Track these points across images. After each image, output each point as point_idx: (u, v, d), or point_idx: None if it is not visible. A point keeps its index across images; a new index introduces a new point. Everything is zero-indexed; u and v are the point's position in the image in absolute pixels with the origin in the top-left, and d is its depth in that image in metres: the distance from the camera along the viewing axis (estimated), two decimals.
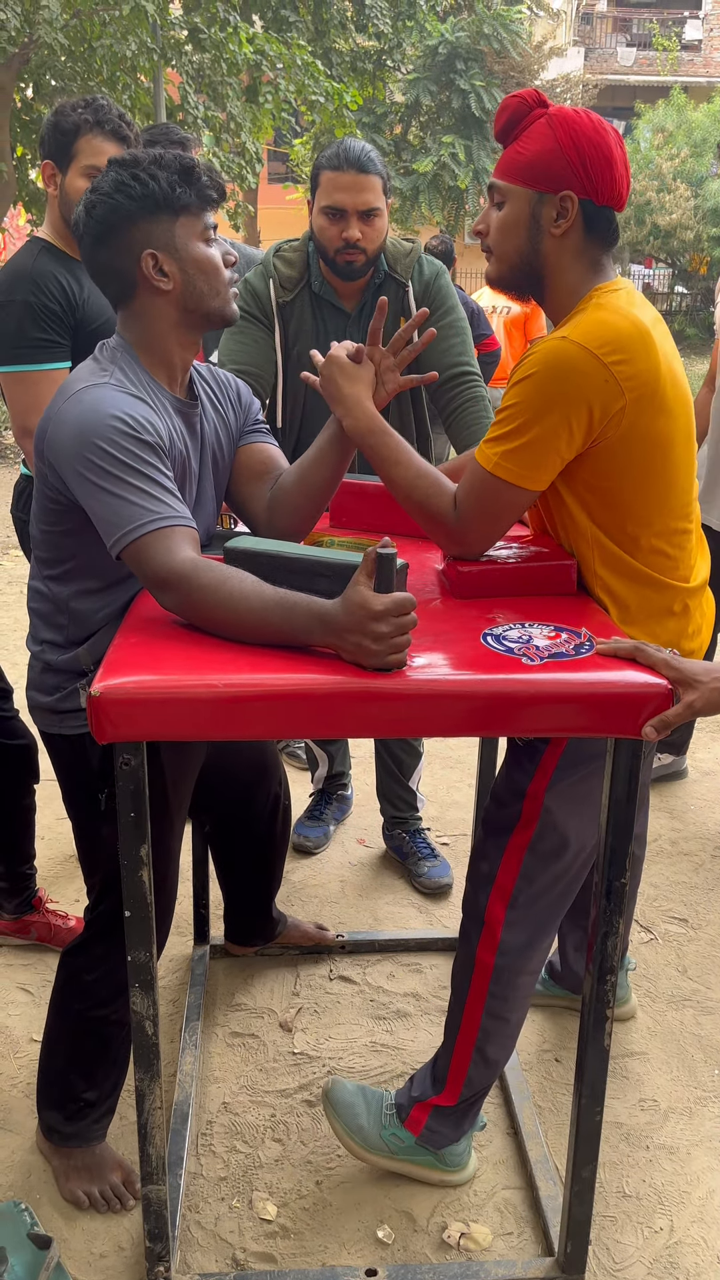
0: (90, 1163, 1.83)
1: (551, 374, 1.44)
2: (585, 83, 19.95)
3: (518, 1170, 1.90)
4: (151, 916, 1.43)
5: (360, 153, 2.21)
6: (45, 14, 8.56)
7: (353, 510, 2.03)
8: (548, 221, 1.51)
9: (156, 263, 1.51)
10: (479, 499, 1.54)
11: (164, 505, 1.44)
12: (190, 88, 10.21)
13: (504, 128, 1.53)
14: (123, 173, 1.50)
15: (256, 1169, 1.90)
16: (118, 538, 1.43)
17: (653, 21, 24.28)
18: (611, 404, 1.46)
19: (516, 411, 1.48)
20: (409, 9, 13.04)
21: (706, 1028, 2.26)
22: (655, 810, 3.16)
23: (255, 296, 2.37)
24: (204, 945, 2.44)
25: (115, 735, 1.28)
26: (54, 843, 2.93)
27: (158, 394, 1.56)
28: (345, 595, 1.32)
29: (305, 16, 11.99)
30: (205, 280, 1.54)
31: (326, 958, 2.47)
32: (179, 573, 1.40)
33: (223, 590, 1.38)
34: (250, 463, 1.75)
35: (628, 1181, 1.88)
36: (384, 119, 17.53)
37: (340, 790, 3.06)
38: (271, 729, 1.31)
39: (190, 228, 1.53)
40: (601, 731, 1.35)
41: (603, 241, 1.55)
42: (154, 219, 1.50)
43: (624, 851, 1.43)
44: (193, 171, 1.52)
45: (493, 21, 16.54)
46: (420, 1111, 1.82)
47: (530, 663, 1.35)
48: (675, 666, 1.35)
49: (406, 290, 2.37)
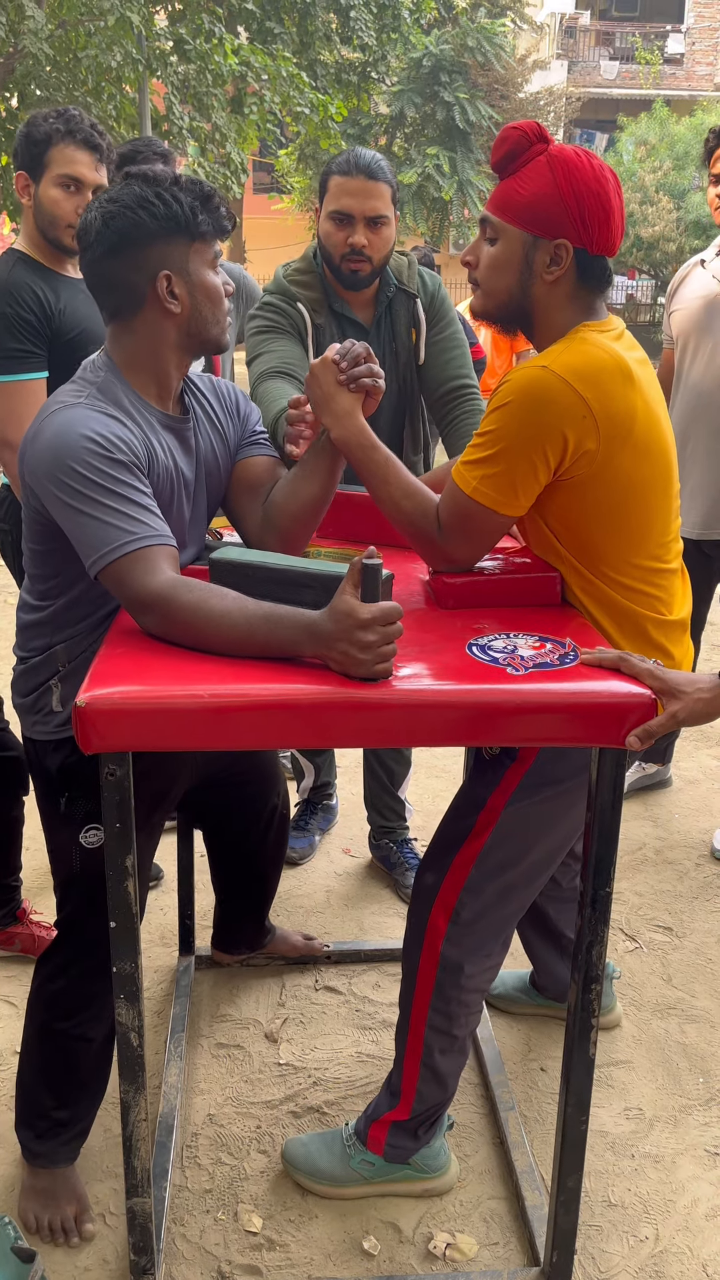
0: (51, 1187, 1.80)
1: (529, 403, 1.43)
2: (568, 95, 20.08)
3: (503, 1180, 1.90)
4: (137, 927, 1.42)
5: (371, 160, 2.20)
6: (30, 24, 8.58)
7: (339, 520, 2.04)
8: (540, 266, 1.49)
9: (170, 284, 1.52)
10: (460, 521, 1.55)
11: (141, 525, 1.43)
12: (175, 98, 10.25)
13: (502, 160, 1.50)
14: (146, 189, 1.50)
15: (242, 1181, 1.89)
16: (94, 560, 1.42)
17: (635, 35, 24.47)
18: (585, 439, 1.45)
19: (494, 438, 1.48)
20: (393, 21, 13.10)
21: (691, 1036, 2.27)
22: (640, 819, 3.17)
23: (286, 315, 2.31)
24: (189, 956, 2.43)
25: (101, 745, 1.28)
26: (39, 853, 2.92)
27: (143, 411, 1.56)
28: (332, 605, 1.33)
29: (290, 28, 12.05)
30: (210, 308, 1.57)
31: (312, 968, 2.46)
32: (158, 594, 1.39)
33: (205, 608, 1.38)
34: (247, 476, 1.75)
35: (613, 1190, 1.89)
36: (369, 130, 17.61)
37: (326, 800, 3.06)
38: (257, 739, 1.31)
39: (203, 254, 1.55)
40: (586, 741, 1.35)
41: (596, 287, 1.54)
42: (171, 241, 1.51)
43: (610, 860, 1.43)
44: (212, 199, 1.54)
45: (477, 34, 16.66)
46: (379, 1130, 1.81)
47: (515, 673, 1.36)
48: (659, 677, 1.36)
49: (417, 301, 2.37)
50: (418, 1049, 1.75)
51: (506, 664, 1.38)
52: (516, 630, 1.51)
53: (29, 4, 8.65)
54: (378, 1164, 1.83)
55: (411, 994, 1.75)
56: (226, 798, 2.03)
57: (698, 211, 17.58)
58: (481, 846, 1.66)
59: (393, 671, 1.34)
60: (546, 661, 1.39)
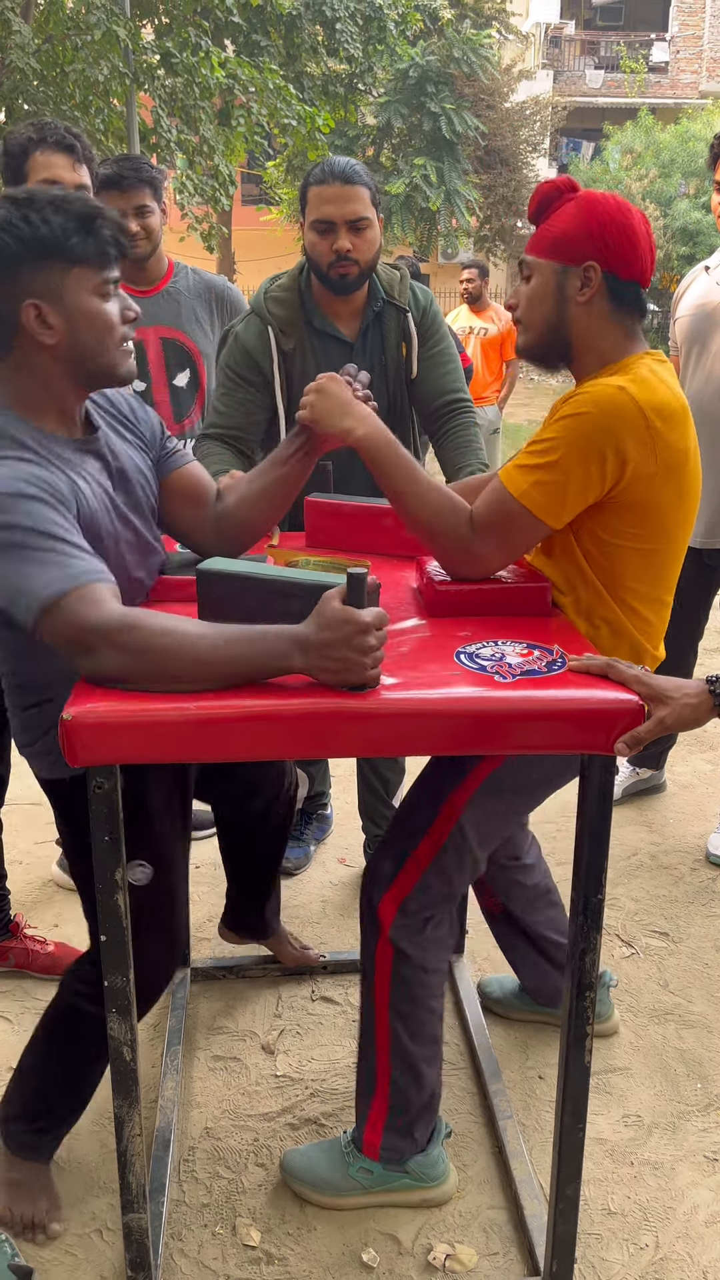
0: (28, 1179, 1.81)
1: (601, 417, 1.47)
2: (554, 104, 20.16)
3: (502, 1189, 1.89)
4: (129, 941, 1.41)
5: (345, 165, 2.21)
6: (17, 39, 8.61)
7: (328, 529, 2.04)
8: (572, 291, 1.56)
9: (40, 314, 1.39)
10: (500, 523, 1.55)
11: (77, 563, 1.32)
12: (163, 111, 10.27)
13: (536, 210, 1.60)
14: (13, 211, 1.37)
15: (240, 1195, 1.88)
16: (28, 606, 1.30)
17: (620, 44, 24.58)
18: (645, 465, 1.49)
19: (556, 445, 1.50)
20: (379, 33, 13.15)
21: (688, 1041, 2.26)
22: (634, 824, 3.17)
23: (247, 354, 2.32)
24: (185, 968, 2.42)
25: (87, 759, 1.27)
26: (32, 867, 2.91)
27: (51, 446, 1.45)
28: (322, 614, 1.30)
29: (277, 41, 12.09)
30: (93, 336, 1.43)
31: (308, 978, 2.46)
32: (116, 622, 1.28)
33: (176, 631, 1.29)
34: (184, 487, 1.69)
35: (612, 1198, 1.88)
36: (356, 141, 17.65)
37: (320, 810, 3.05)
38: (245, 750, 1.31)
39: (84, 280, 1.41)
40: (574, 748, 1.36)
41: (633, 313, 1.60)
42: (41, 266, 1.38)
43: (601, 867, 1.43)
44: (93, 220, 1.40)
45: (462, 45, 16.71)
46: (372, 1133, 1.81)
47: (503, 680, 1.36)
48: (646, 683, 1.37)
49: (408, 316, 2.37)
50: (384, 1036, 1.76)
51: (494, 671, 1.38)
52: (504, 637, 1.51)
53: (15, 18, 8.67)
54: (376, 1172, 1.82)
55: (371, 980, 1.76)
56: (243, 785, 2.01)
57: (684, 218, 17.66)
58: (440, 844, 1.69)
59: (380, 679, 1.34)
60: (534, 669, 1.39)
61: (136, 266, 2.89)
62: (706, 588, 2.97)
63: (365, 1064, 1.81)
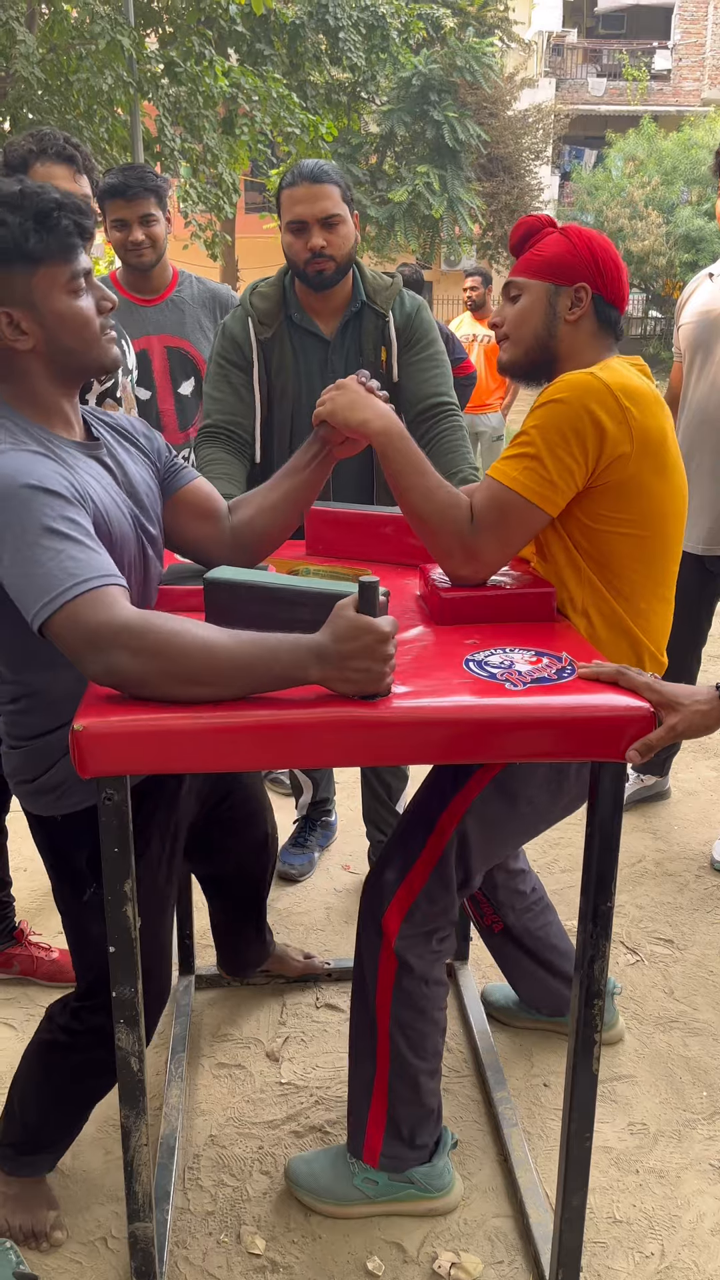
0: (24, 1193, 1.81)
1: (573, 399, 1.53)
2: (557, 112, 20.23)
3: (508, 1198, 1.89)
4: (136, 952, 1.41)
5: (314, 166, 2.26)
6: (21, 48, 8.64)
7: (329, 538, 2.05)
8: (563, 309, 1.65)
9: (12, 320, 1.36)
10: (497, 514, 1.57)
11: (92, 564, 1.28)
12: (167, 120, 10.30)
13: (519, 241, 1.69)
14: None
15: (244, 1203, 1.88)
16: (43, 604, 1.26)
17: (622, 52, 24.67)
18: (620, 444, 1.54)
19: (538, 434, 1.55)
20: (382, 42, 13.20)
21: (694, 1049, 2.26)
22: (639, 831, 3.17)
23: (233, 340, 2.40)
24: (189, 976, 2.42)
25: (98, 770, 1.27)
26: (36, 874, 2.91)
27: (60, 444, 1.43)
28: (338, 625, 1.27)
29: (280, 50, 12.14)
30: (72, 335, 1.40)
31: (313, 986, 2.45)
32: (128, 624, 1.24)
33: (188, 635, 1.25)
34: (193, 502, 1.67)
35: (618, 1207, 1.87)
36: (359, 149, 17.71)
37: (324, 817, 3.05)
38: (257, 760, 1.31)
39: (52, 279, 1.36)
40: (585, 755, 1.35)
41: (612, 333, 1.69)
42: (5, 272, 1.34)
43: (611, 875, 1.43)
44: (51, 215, 1.34)
45: (465, 54, 16.76)
46: (372, 1141, 1.81)
47: (513, 688, 1.36)
48: (657, 690, 1.37)
49: (387, 321, 2.40)
50: (384, 1046, 1.76)
51: (505, 679, 1.38)
52: (513, 645, 1.51)
53: (20, 28, 8.71)
54: (380, 1182, 1.82)
55: (373, 993, 1.75)
56: (225, 834, 2.00)
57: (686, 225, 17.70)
58: (441, 851, 1.69)
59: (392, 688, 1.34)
60: (544, 676, 1.39)
61: (141, 275, 2.90)
62: (709, 594, 2.98)
63: (362, 1074, 1.80)
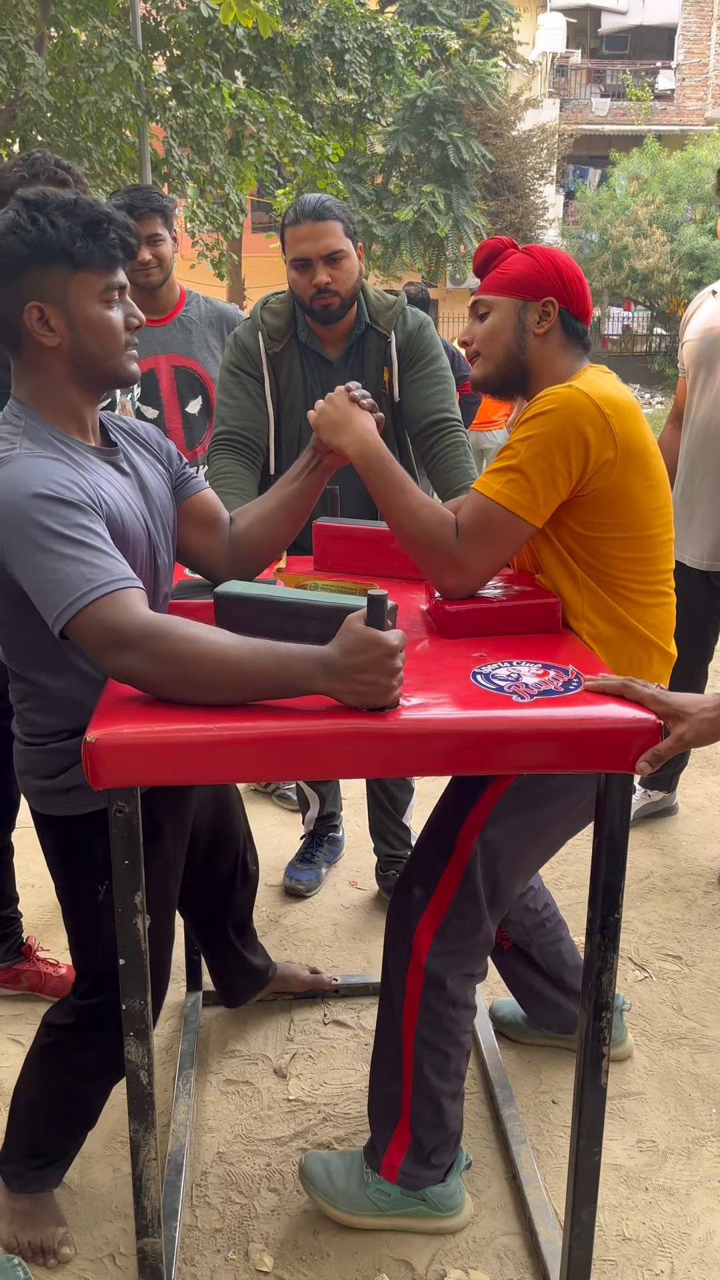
0: (32, 1209, 1.81)
1: (555, 412, 1.56)
2: (561, 132, 20.36)
3: (516, 1215, 1.88)
4: (146, 965, 1.41)
5: (315, 203, 2.28)
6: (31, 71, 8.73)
7: (336, 553, 2.07)
8: (531, 323, 1.69)
9: (42, 315, 1.40)
10: (481, 526, 1.59)
11: (110, 569, 1.32)
12: (174, 141, 10.40)
13: (483, 262, 1.74)
14: (22, 213, 1.37)
15: (252, 1220, 1.87)
16: (64, 607, 1.29)
17: (626, 72, 24.84)
18: (604, 452, 1.57)
19: (522, 447, 1.58)
20: (387, 64, 13.32)
21: (703, 1066, 2.25)
22: (646, 847, 3.16)
23: (245, 350, 2.42)
24: (196, 992, 2.42)
25: (111, 781, 1.27)
26: (44, 890, 2.91)
27: (75, 448, 1.46)
28: (346, 639, 1.29)
29: (286, 72, 12.26)
30: (97, 342, 1.43)
31: (320, 1002, 2.45)
32: (146, 627, 1.28)
33: (204, 641, 1.29)
34: (199, 512, 1.70)
35: (627, 1224, 1.86)
36: (365, 169, 17.84)
37: (331, 832, 3.05)
38: (268, 772, 1.31)
39: (88, 285, 1.41)
40: (594, 767, 1.36)
41: (579, 343, 1.73)
42: (47, 269, 1.38)
43: (618, 886, 1.43)
44: (100, 225, 1.39)
45: (469, 75, 16.90)
46: (393, 1155, 1.80)
47: (521, 700, 1.36)
48: (663, 701, 1.37)
49: (389, 341, 2.42)
50: (409, 1066, 1.75)
51: (512, 691, 1.39)
52: (518, 658, 1.52)
53: (29, 52, 8.81)
54: (393, 1195, 1.81)
55: (400, 1011, 1.75)
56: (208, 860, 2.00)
57: (691, 243, 17.81)
58: (465, 863, 1.69)
59: (400, 701, 1.34)
60: (551, 688, 1.40)
61: (149, 295, 2.92)
62: (714, 609, 2.98)
63: (386, 1090, 1.79)
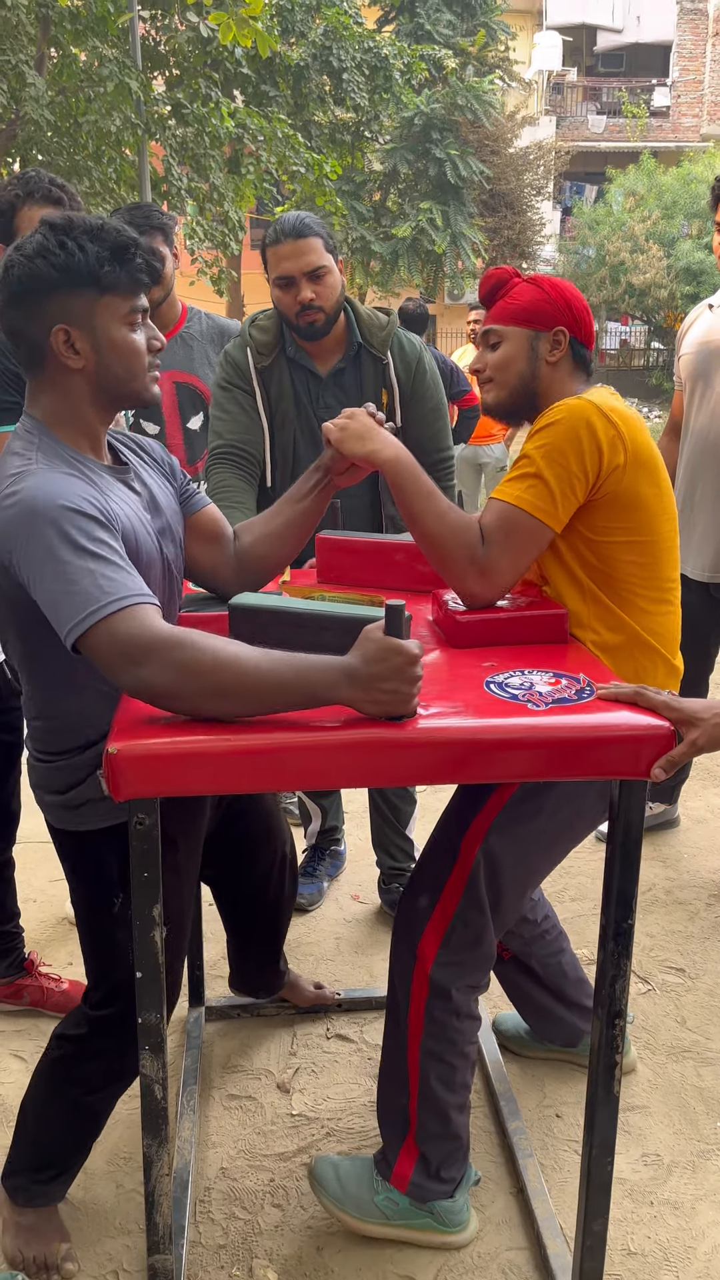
0: (36, 1224, 1.80)
1: (568, 420, 1.61)
2: (557, 149, 20.49)
3: (523, 1230, 1.86)
4: (163, 978, 1.41)
5: (295, 221, 2.31)
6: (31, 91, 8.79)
7: (340, 565, 2.08)
8: (544, 352, 1.75)
9: (69, 338, 1.42)
10: (505, 532, 1.62)
11: (126, 584, 1.32)
12: (174, 160, 10.46)
13: (489, 292, 1.79)
14: (50, 237, 1.40)
15: (256, 1236, 1.86)
16: (79, 620, 1.29)
17: (622, 90, 25.02)
18: (615, 456, 1.62)
19: (538, 454, 1.62)
20: (385, 83, 13.40)
21: (708, 1079, 2.24)
22: (649, 859, 3.16)
23: (235, 365, 2.45)
24: (199, 1007, 2.41)
25: (132, 792, 1.27)
26: (46, 905, 2.90)
27: (89, 465, 1.48)
28: (367, 647, 1.29)
29: (285, 91, 12.34)
30: (121, 364, 1.46)
31: (323, 1016, 2.44)
32: (163, 638, 1.28)
33: (224, 652, 1.28)
34: (204, 527, 1.73)
35: (633, 1239, 1.85)
36: (363, 187, 17.93)
37: (334, 846, 3.04)
38: (289, 781, 1.32)
39: (113, 309, 1.44)
40: (610, 774, 1.37)
41: (586, 369, 1.80)
42: (74, 292, 1.41)
43: (631, 893, 1.43)
44: (127, 250, 1.43)
45: (466, 93, 17.00)
46: (402, 1167, 1.79)
47: (536, 708, 1.37)
48: (676, 707, 1.38)
49: (386, 365, 2.45)
50: (415, 1078, 1.74)
51: (526, 700, 1.40)
52: (529, 667, 1.52)
53: (30, 72, 8.87)
54: (402, 1205, 1.80)
55: (405, 1022, 1.74)
56: (238, 853, 2.01)
57: (688, 259, 17.90)
58: (469, 872, 1.69)
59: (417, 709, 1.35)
60: (565, 697, 1.41)
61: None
62: (716, 622, 2.98)
63: (393, 1101, 1.79)
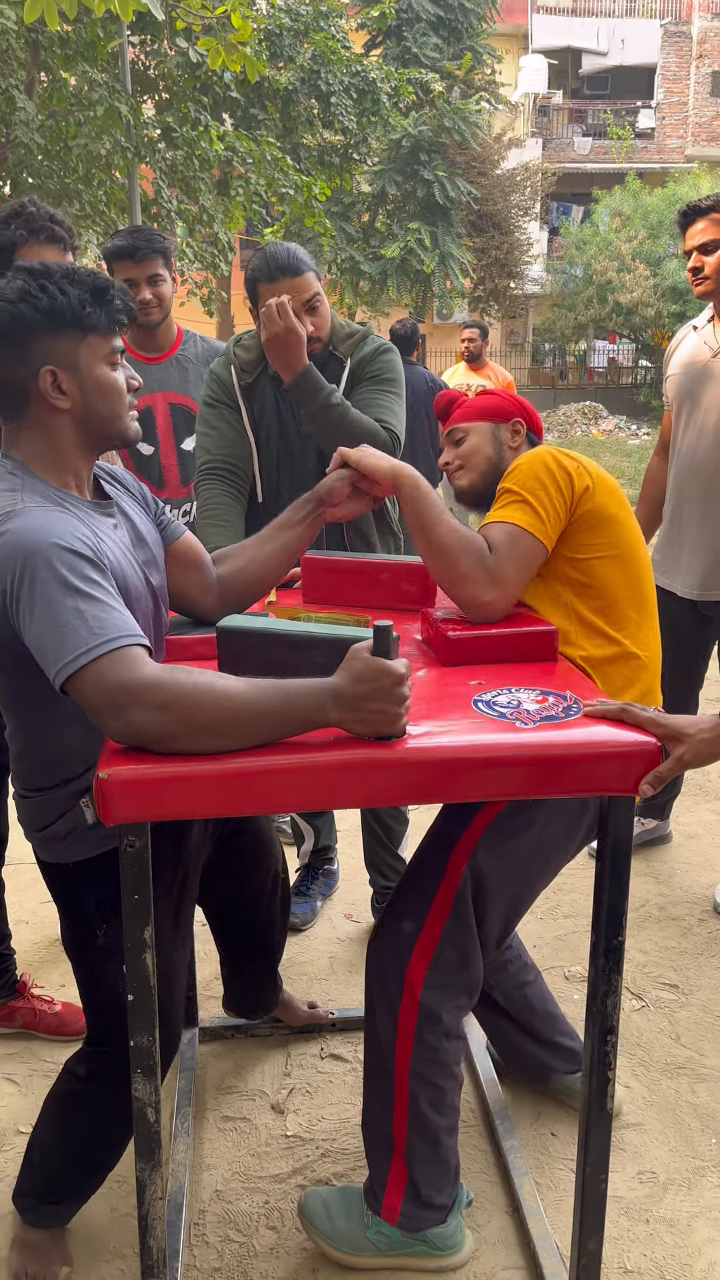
0: (42, 1243, 1.80)
1: (534, 462, 1.78)
2: (544, 171, 20.67)
3: (519, 1249, 1.86)
4: (154, 1001, 1.41)
5: (288, 257, 2.27)
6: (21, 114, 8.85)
7: (325, 586, 2.09)
8: (505, 439, 1.99)
9: (56, 380, 1.45)
10: (509, 547, 1.72)
11: (117, 624, 1.31)
12: (164, 183, 10.52)
13: (444, 409, 2.04)
14: (31, 282, 1.43)
15: (251, 1258, 1.85)
16: (67, 662, 1.28)
17: (607, 112, 25.24)
18: (582, 479, 1.78)
19: (516, 489, 1.76)
20: (373, 106, 13.51)
21: (702, 1096, 2.24)
22: (641, 875, 3.16)
23: (220, 383, 2.45)
24: (192, 1029, 2.40)
25: (123, 816, 1.27)
26: (39, 927, 2.89)
27: (75, 504, 1.49)
28: (354, 667, 1.30)
29: (274, 114, 12.43)
30: (106, 404, 1.50)
31: (317, 1036, 2.43)
32: (150, 680, 1.27)
33: (213, 688, 1.28)
34: (184, 554, 1.75)
35: (629, 1257, 1.85)
36: (352, 208, 18.05)
37: (326, 865, 3.04)
38: (280, 803, 1.32)
39: (96, 349, 1.47)
40: (598, 790, 1.37)
41: None
42: (58, 334, 1.44)
43: (621, 909, 1.43)
44: (106, 292, 1.47)
45: (453, 115, 17.14)
46: (391, 1199, 1.78)
47: (524, 726, 1.38)
48: (662, 723, 1.39)
49: (343, 365, 2.44)
50: (403, 1102, 1.73)
51: (515, 718, 1.40)
52: (517, 685, 1.53)
53: (20, 95, 8.93)
54: (394, 1237, 1.79)
55: (391, 1048, 1.73)
56: (230, 873, 2.00)
57: (674, 278, 18.08)
58: (455, 891, 1.69)
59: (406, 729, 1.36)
60: (552, 714, 1.42)
61: (147, 334, 2.95)
62: (704, 639, 3.00)
63: (379, 1128, 1.78)
